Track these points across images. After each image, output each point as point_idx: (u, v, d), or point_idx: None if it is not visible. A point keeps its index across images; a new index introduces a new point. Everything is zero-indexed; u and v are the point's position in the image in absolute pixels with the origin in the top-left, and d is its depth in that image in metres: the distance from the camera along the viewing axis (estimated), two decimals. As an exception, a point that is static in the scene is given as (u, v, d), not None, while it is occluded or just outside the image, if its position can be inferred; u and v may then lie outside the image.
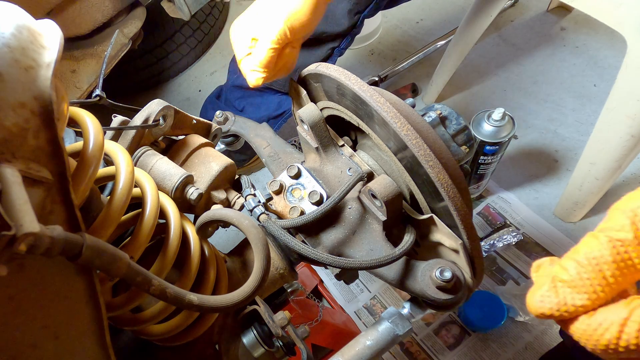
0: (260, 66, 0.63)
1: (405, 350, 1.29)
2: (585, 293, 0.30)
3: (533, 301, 0.33)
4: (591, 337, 0.30)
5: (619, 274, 0.29)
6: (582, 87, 1.67)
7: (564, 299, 0.31)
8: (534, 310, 0.33)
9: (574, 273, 0.31)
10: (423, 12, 2.07)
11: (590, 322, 0.30)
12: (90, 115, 0.44)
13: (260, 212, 0.61)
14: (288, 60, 0.67)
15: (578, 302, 0.30)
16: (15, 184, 0.28)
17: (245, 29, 0.64)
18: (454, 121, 0.68)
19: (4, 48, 0.31)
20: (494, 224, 1.44)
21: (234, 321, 0.62)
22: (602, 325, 0.29)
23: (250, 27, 0.64)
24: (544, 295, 0.32)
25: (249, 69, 0.64)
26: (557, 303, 0.31)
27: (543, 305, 0.32)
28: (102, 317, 0.39)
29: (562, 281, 0.31)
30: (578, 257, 0.31)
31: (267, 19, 0.62)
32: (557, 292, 0.31)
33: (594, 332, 0.29)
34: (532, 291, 0.34)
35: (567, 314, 0.31)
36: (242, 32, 0.65)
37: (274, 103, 1.41)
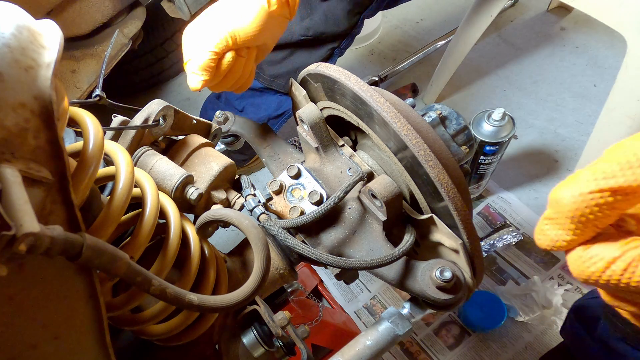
0: (199, 69, 0.63)
1: (405, 350, 1.29)
2: (569, 230, 0.32)
3: (535, 237, 0.35)
4: (578, 267, 0.32)
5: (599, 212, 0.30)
6: (582, 87, 1.67)
7: (555, 236, 0.33)
8: (538, 245, 0.35)
9: (557, 210, 0.32)
10: (423, 12, 2.07)
11: (582, 254, 0.32)
12: (90, 115, 0.44)
13: (260, 212, 0.61)
14: (234, 69, 0.67)
15: (565, 237, 0.32)
16: (15, 184, 0.28)
17: (191, 34, 0.66)
18: (454, 121, 0.68)
19: (4, 48, 0.31)
20: (494, 224, 1.44)
21: (234, 321, 0.62)
22: (591, 259, 0.31)
23: (196, 33, 0.65)
24: (539, 232, 0.34)
25: (190, 71, 0.65)
26: (550, 239, 0.33)
27: (541, 242, 0.34)
28: (102, 317, 0.39)
29: (549, 219, 0.33)
30: (559, 195, 0.32)
31: (212, 26, 0.64)
32: (548, 230, 0.33)
33: (582, 263, 0.31)
34: (537, 226, 0.35)
35: (563, 247, 0.33)
36: (188, 38, 0.66)
37: (274, 103, 1.41)
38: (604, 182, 0.29)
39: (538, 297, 1.24)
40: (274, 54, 1.27)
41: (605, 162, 0.30)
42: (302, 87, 0.69)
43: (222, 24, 0.63)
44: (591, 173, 0.30)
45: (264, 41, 0.68)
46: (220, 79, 0.67)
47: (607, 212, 0.30)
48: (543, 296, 1.23)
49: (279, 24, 0.68)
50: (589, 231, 0.31)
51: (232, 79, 0.69)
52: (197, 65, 0.63)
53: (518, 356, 1.22)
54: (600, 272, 0.30)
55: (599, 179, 0.29)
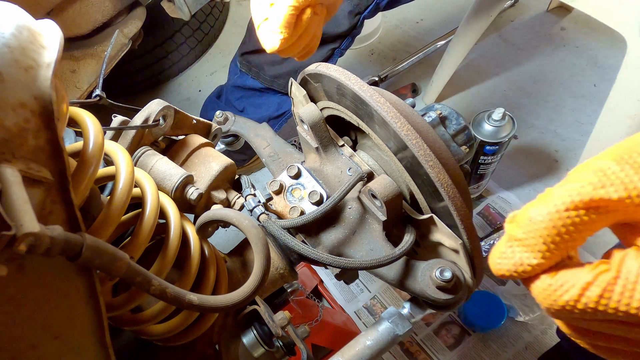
0: (279, 26, 0.59)
1: (405, 350, 1.29)
2: (539, 252, 0.29)
3: (492, 262, 0.32)
4: (549, 296, 0.29)
5: (574, 231, 0.28)
6: (582, 87, 1.68)
7: (520, 259, 0.30)
8: (494, 271, 0.32)
9: (527, 231, 0.30)
10: (423, 12, 2.07)
11: (551, 282, 0.29)
12: (90, 115, 0.44)
13: (260, 212, 0.61)
14: (310, 27, 0.63)
15: (533, 261, 0.30)
16: (15, 184, 0.28)
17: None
18: (454, 121, 0.68)
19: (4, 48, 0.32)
20: (494, 224, 1.44)
21: (234, 321, 0.62)
22: (562, 286, 0.29)
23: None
24: (501, 255, 0.31)
25: (267, 31, 0.61)
26: (513, 264, 0.30)
27: (501, 267, 0.31)
28: (102, 317, 0.39)
29: (516, 240, 0.30)
30: (531, 214, 0.30)
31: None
32: (513, 252, 0.31)
33: (554, 292, 0.29)
34: (493, 250, 0.33)
35: (525, 274, 0.30)
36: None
37: (275, 104, 1.41)
38: (579, 199, 0.28)
39: (538, 297, 1.24)
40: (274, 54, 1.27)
41: (576, 181, 0.29)
42: (302, 87, 0.69)
43: None
44: (565, 190, 0.29)
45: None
46: (295, 38, 0.63)
47: (583, 231, 0.28)
48: (543, 296, 1.23)
49: None
50: (558, 255, 0.29)
51: (307, 40, 0.65)
52: (276, 23, 0.59)
53: (518, 356, 1.22)
54: (575, 300, 0.28)
55: (574, 195, 0.28)
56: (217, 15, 2.13)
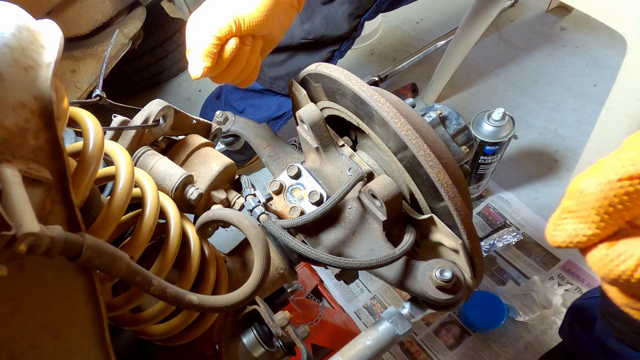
0: (201, 55, 0.61)
1: (405, 350, 1.29)
2: (592, 222, 0.29)
3: (548, 234, 0.32)
4: (605, 266, 0.29)
5: (628, 201, 0.28)
6: (582, 87, 1.67)
7: (575, 230, 0.30)
8: (550, 243, 0.32)
9: (580, 202, 0.29)
10: (423, 12, 2.07)
11: (608, 252, 0.29)
12: (90, 115, 0.44)
13: (260, 212, 0.61)
14: (239, 58, 0.65)
15: (587, 231, 0.30)
16: (15, 184, 0.28)
17: (194, 21, 0.64)
18: (454, 121, 0.68)
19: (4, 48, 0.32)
20: (494, 224, 1.44)
21: (234, 321, 0.62)
22: (620, 256, 0.29)
23: (199, 19, 0.64)
24: (556, 228, 0.31)
25: (192, 59, 0.62)
26: (568, 235, 0.31)
27: (557, 239, 0.31)
28: (102, 317, 0.39)
29: (569, 211, 0.30)
30: (583, 185, 0.29)
31: (216, 11, 0.62)
32: (567, 224, 0.31)
33: (610, 262, 0.29)
34: (549, 222, 0.33)
35: (582, 244, 0.30)
36: (191, 25, 0.64)
37: (274, 105, 1.41)
38: (634, 169, 0.27)
39: (538, 297, 1.24)
40: (274, 56, 1.27)
41: (631, 150, 0.28)
42: (302, 87, 0.69)
43: (226, 9, 0.62)
44: (618, 160, 0.28)
45: (270, 30, 0.66)
46: (222, 67, 0.65)
47: (638, 201, 0.28)
48: (543, 296, 1.23)
49: (286, 14, 0.66)
50: (613, 225, 0.29)
51: (236, 70, 0.66)
52: (199, 52, 0.61)
53: (518, 356, 1.22)
54: (632, 270, 0.28)
55: (628, 166, 0.27)
56: (217, 15, 2.13)
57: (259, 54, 0.69)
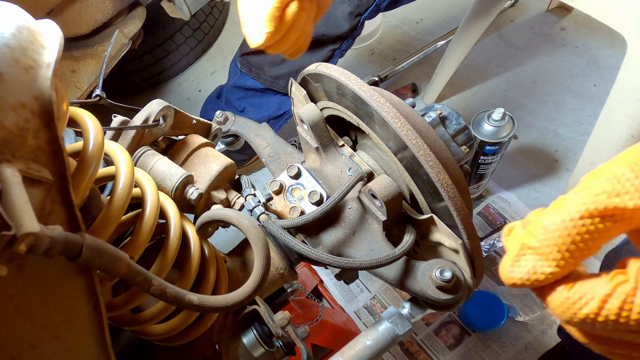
0: (264, 20, 0.59)
1: (405, 350, 1.29)
2: (553, 260, 0.29)
3: (504, 270, 0.32)
4: (568, 309, 0.29)
5: (589, 240, 0.28)
6: (582, 87, 1.67)
7: (533, 268, 0.30)
8: (505, 280, 0.32)
9: (542, 239, 0.29)
10: (423, 12, 2.07)
11: (569, 294, 0.29)
12: (90, 115, 0.44)
13: (260, 212, 0.61)
14: (297, 22, 0.62)
15: (547, 269, 0.29)
16: (15, 184, 0.28)
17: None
18: (454, 121, 0.68)
19: (4, 48, 0.32)
20: (494, 224, 1.44)
21: (234, 321, 0.62)
22: (581, 299, 0.28)
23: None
24: (513, 264, 0.31)
25: (252, 26, 0.60)
26: (526, 272, 0.30)
27: (513, 275, 0.31)
28: (102, 317, 0.39)
29: (530, 248, 0.30)
30: (546, 222, 0.29)
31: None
32: (526, 260, 0.30)
33: (572, 305, 0.29)
34: (504, 259, 0.32)
35: (538, 283, 0.30)
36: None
37: (275, 104, 1.41)
38: (594, 206, 0.27)
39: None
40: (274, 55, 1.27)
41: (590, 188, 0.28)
42: (302, 87, 0.69)
43: None
44: (578, 198, 0.28)
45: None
46: (282, 34, 0.62)
47: (598, 239, 0.28)
48: (543, 296, 1.23)
49: None
50: (573, 263, 0.29)
51: (294, 36, 0.64)
52: (262, 17, 0.59)
53: (518, 356, 1.22)
54: (595, 312, 0.27)
55: (588, 203, 0.28)
56: (217, 15, 2.13)
57: (313, 21, 0.67)
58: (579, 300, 0.28)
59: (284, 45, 0.65)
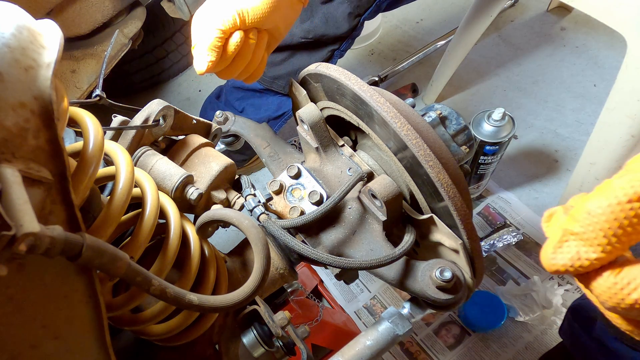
0: (206, 49, 0.61)
1: (405, 350, 1.29)
2: (599, 246, 0.28)
3: (546, 257, 0.31)
4: (616, 295, 0.28)
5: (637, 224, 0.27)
6: (582, 87, 1.67)
7: (577, 254, 0.29)
8: (547, 267, 0.31)
9: (586, 224, 0.28)
10: (423, 12, 2.07)
11: (616, 280, 0.28)
12: (90, 115, 0.44)
13: (260, 212, 0.61)
14: (243, 52, 0.64)
15: (592, 255, 0.28)
16: (15, 184, 0.28)
17: (199, 16, 0.64)
18: (454, 121, 0.68)
19: (4, 48, 0.32)
20: (494, 224, 1.44)
21: (234, 321, 0.62)
22: (630, 284, 0.27)
23: (204, 14, 0.63)
24: (556, 251, 0.30)
25: (197, 54, 0.62)
26: (570, 258, 0.29)
27: (556, 262, 0.30)
28: (102, 317, 0.39)
29: (573, 234, 0.29)
30: (591, 206, 0.28)
31: (220, 5, 0.62)
32: (569, 246, 0.29)
33: (620, 290, 0.28)
34: (545, 246, 0.31)
35: (582, 269, 0.29)
36: (196, 20, 0.64)
37: (274, 104, 1.41)
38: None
39: (538, 297, 1.24)
40: (274, 55, 1.27)
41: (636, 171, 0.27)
42: (302, 87, 0.69)
43: (230, 3, 0.61)
44: (627, 181, 0.27)
45: (275, 24, 0.65)
46: (228, 62, 0.64)
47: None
48: (543, 296, 1.23)
49: (292, 7, 0.65)
50: (620, 249, 0.28)
51: (241, 64, 0.66)
52: (204, 46, 0.61)
53: (518, 356, 1.22)
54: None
55: (637, 187, 0.26)
56: (217, 15, 2.13)
57: (265, 49, 0.68)
58: (627, 285, 0.28)
59: (232, 72, 0.67)
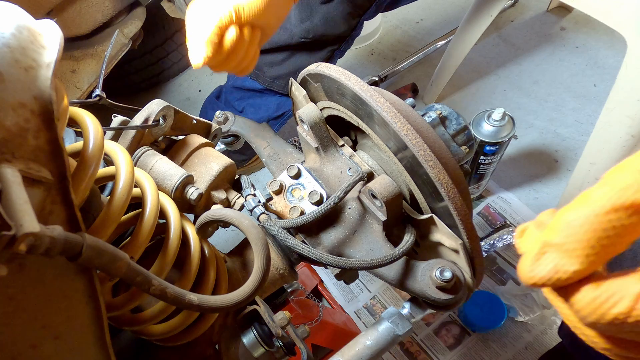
0: (203, 44, 0.62)
1: (405, 350, 1.29)
2: (578, 257, 0.27)
3: (523, 271, 0.30)
4: (596, 310, 0.27)
5: (617, 235, 0.27)
6: (582, 87, 1.67)
7: (555, 267, 0.28)
8: (525, 280, 0.30)
9: (566, 235, 0.28)
10: (423, 12, 2.07)
11: (597, 294, 0.27)
12: (90, 115, 0.44)
13: (260, 212, 0.61)
14: (238, 47, 0.65)
15: (571, 267, 0.28)
16: (15, 184, 0.28)
17: (195, 11, 0.65)
18: (454, 121, 0.68)
19: (4, 48, 0.32)
20: (494, 224, 1.44)
21: (234, 321, 0.62)
22: (610, 299, 0.27)
23: (200, 9, 0.64)
24: (534, 263, 0.29)
25: (192, 48, 0.63)
26: (548, 271, 0.28)
27: (534, 275, 0.29)
28: (102, 317, 0.39)
29: (551, 245, 0.29)
30: (570, 217, 0.28)
31: (217, 1, 0.63)
32: (547, 259, 0.29)
33: (601, 305, 0.27)
34: (522, 259, 0.31)
35: (561, 282, 0.28)
36: (191, 14, 0.65)
37: (274, 104, 1.41)
38: (621, 200, 0.26)
39: (538, 297, 1.24)
40: (274, 55, 1.27)
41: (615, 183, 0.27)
42: (302, 87, 0.69)
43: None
44: (604, 192, 0.27)
45: (267, 20, 0.67)
46: (223, 56, 0.65)
47: (625, 235, 0.27)
48: (543, 296, 1.23)
49: (284, 4, 0.67)
50: (600, 260, 0.27)
51: (235, 59, 0.67)
52: (201, 40, 0.62)
53: (518, 356, 1.22)
54: (625, 313, 0.26)
55: (614, 197, 0.26)
56: (217, 15, 2.13)
57: (257, 44, 0.70)
58: (607, 300, 0.27)
59: (226, 66, 0.68)
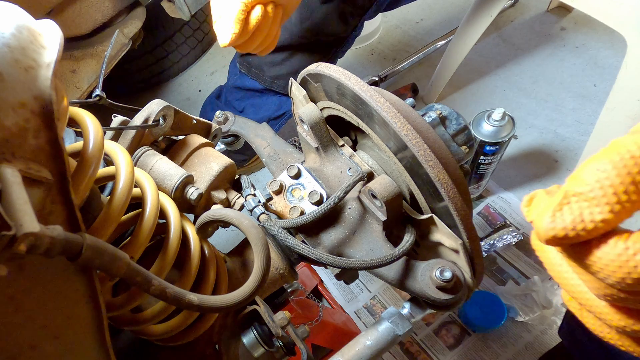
0: (232, 22, 0.65)
1: (405, 350, 1.29)
2: (607, 204, 0.24)
3: (542, 222, 0.27)
4: (626, 263, 0.24)
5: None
6: (582, 87, 1.67)
7: (580, 215, 0.25)
8: (544, 233, 0.27)
9: (593, 181, 0.25)
10: (423, 12, 2.07)
11: (627, 245, 0.24)
12: (90, 115, 0.44)
13: (260, 212, 0.61)
14: (263, 25, 0.68)
15: (598, 216, 0.25)
16: (15, 184, 0.28)
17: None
18: (454, 121, 0.68)
19: (4, 48, 0.32)
20: (494, 224, 1.44)
21: (234, 321, 0.62)
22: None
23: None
24: (554, 214, 0.26)
25: (220, 27, 0.66)
26: (572, 220, 0.25)
27: (554, 226, 0.26)
28: (102, 317, 0.39)
29: (577, 194, 0.26)
30: (599, 164, 0.25)
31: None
32: (571, 208, 0.26)
33: (632, 257, 0.24)
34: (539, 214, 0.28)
35: (585, 233, 0.25)
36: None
37: (274, 104, 1.41)
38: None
39: (538, 297, 1.24)
40: (274, 55, 1.27)
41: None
42: (302, 87, 0.69)
43: None
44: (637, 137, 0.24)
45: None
46: (248, 35, 0.68)
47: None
48: (543, 296, 1.23)
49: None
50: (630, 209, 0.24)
51: (260, 37, 0.70)
52: (229, 19, 0.64)
53: (518, 356, 1.22)
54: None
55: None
56: (217, 15, 2.13)
57: (279, 23, 0.73)
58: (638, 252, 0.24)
59: (251, 45, 0.72)
